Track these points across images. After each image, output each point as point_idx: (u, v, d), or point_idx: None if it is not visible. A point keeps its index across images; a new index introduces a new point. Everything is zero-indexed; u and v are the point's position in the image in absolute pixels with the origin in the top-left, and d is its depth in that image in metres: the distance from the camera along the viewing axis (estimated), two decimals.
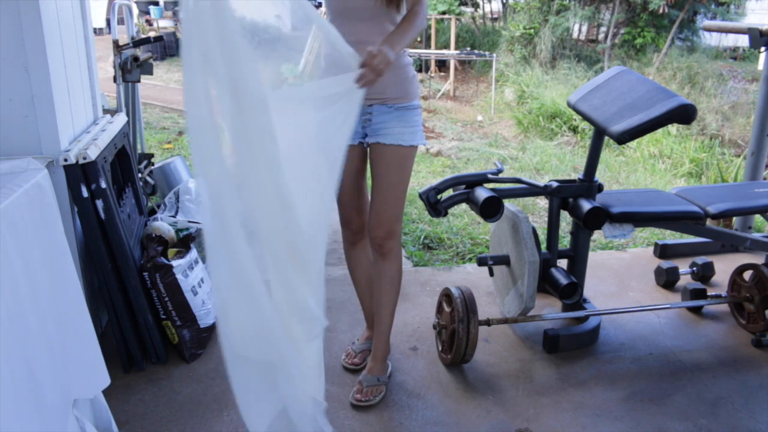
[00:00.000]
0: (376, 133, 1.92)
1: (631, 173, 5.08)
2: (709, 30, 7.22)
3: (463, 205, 2.55)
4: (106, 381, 1.71)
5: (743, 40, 9.91)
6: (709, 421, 2.00)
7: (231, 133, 1.33)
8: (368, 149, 1.99)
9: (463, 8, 11.56)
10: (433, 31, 9.88)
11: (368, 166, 2.04)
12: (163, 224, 2.47)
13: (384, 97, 1.89)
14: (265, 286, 1.38)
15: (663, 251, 3.24)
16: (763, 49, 3.09)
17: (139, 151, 3.65)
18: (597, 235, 3.36)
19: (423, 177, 4.75)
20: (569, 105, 2.49)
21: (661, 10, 8.36)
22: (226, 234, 1.31)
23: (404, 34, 1.77)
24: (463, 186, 2.24)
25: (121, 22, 3.50)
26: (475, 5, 11.95)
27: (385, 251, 2.01)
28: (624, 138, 2.13)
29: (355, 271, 2.22)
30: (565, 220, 3.36)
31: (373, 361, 2.13)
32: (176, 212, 2.66)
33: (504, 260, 2.38)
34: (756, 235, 2.68)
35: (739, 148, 5.76)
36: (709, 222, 2.41)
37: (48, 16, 1.87)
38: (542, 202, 4.09)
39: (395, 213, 1.98)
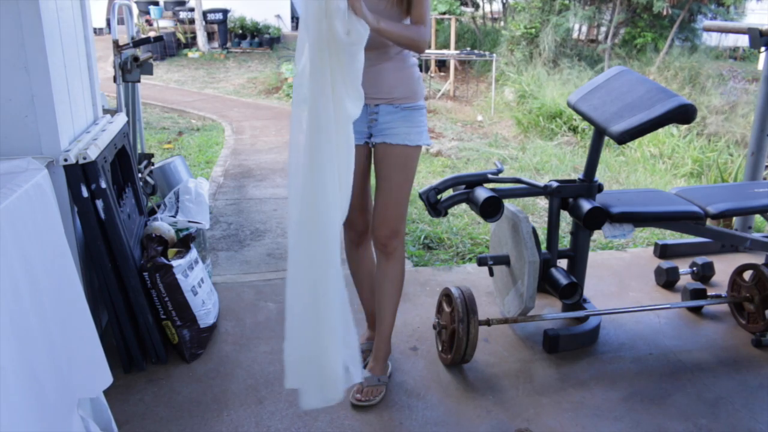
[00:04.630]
0: (381, 133, 1.93)
1: (631, 173, 5.08)
2: (710, 30, 7.23)
3: (463, 205, 2.55)
4: (108, 380, 1.71)
5: (743, 40, 9.91)
6: (709, 421, 2.00)
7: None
8: (373, 149, 1.99)
9: (463, 8, 11.56)
10: (433, 31, 9.88)
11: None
12: (163, 224, 2.47)
13: (390, 97, 1.89)
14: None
15: (663, 251, 3.24)
16: (763, 49, 3.09)
17: (139, 151, 3.65)
18: (597, 235, 3.36)
19: (423, 177, 4.76)
20: (569, 105, 2.49)
21: (664, 12, 8.36)
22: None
23: (395, 26, 1.76)
24: (463, 186, 2.24)
25: (121, 22, 3.50)
26: (476, 5, 11.95)
27: (390, 251, 2.01)
28: (624, 138, 2.13)
29: (358, 271, 2.22)
30: (565, 220, 3.36)
31: (374, 361, 2.13)
32: (176, 212, 2.66)
33: (504, 260, 2.38)
34: (756, 235, 2.68)
35: (740, 147, 5.76)
36: (709, 222, 2.41)
37: (48, 16, 1.87)
38: (542, 202, 4.09)
39: (400, 213, 1.98)
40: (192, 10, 12.13)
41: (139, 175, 3.15)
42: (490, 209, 2.11)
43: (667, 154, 5.55)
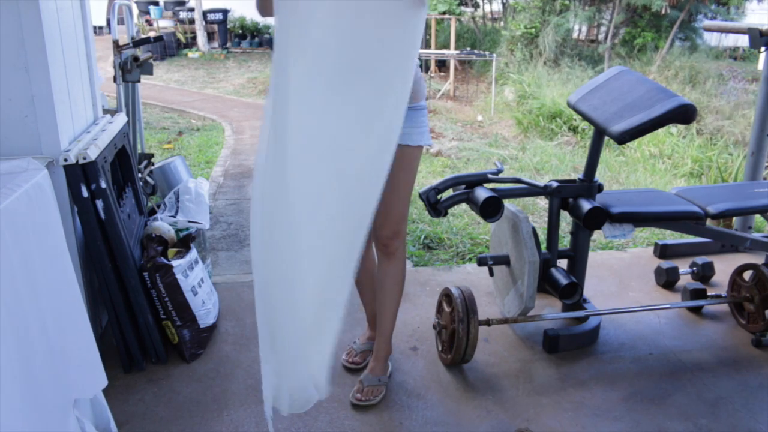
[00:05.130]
0: None
1: (631, 173, 5.08)
2: (710, 30, 7.23)
3: (463, 205, 2.55)
4: (103, 382, 1.71)
5: (743, 40, 9.91)
6: (709, 421, 2.00)
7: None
8: None
9: (463, 8, 11.56)
10: (432, 31, 9.88)
11: None
12: (163, 224, 2.47)
13: None
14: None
15: (663, 251, 3.24)
16: (763, 49, 3.08)
17: (139, 151, 3.65)
18: (597, 235, 3.36)
19: (423, 177, 4.75)
20: (569, 105, 2.49)
21: (663, 11, 8.36)
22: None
23: None
24: (463, 186, 2.24)
25: (121, 22, 3.50)
26: (476, 5, 11.95)
27: (391, 251, 2.01)
28: (624, 138, 2.13)
29: (359, 272, 2.22)
30: (565, 220, 3.35)
31: (374, 361, 2.13)
32: (176, 212, 2.66)
33: (504, 260, 2.38)
34: (756, 235, 2.68)
35: (740, 147, 5.76)
36: (709, 222, 2.41)
37: (48, 16, 1.87)
38: (542, 202, 4.09)
39: (401, 213, 1.98)
40: (192, 10, 12.13)
41: (139, 175, 3.15)
42: (490, 209, 2.11)
43: (667, 154, 5.55)
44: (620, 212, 2.26)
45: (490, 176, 2.25)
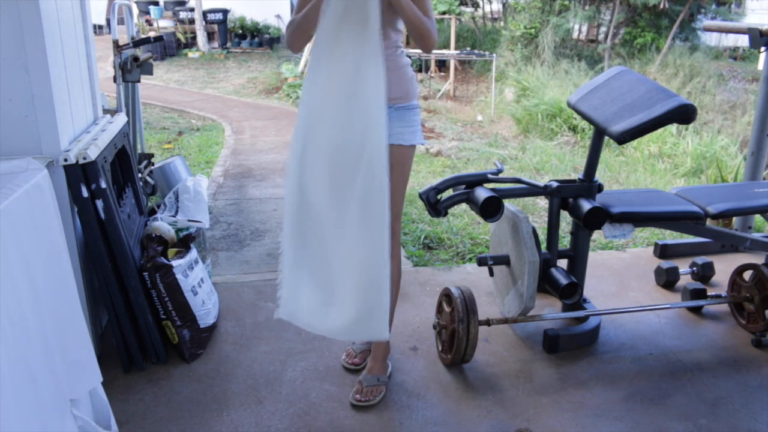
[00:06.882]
0: None
1: (631, 173, 5.08)
2: (710, 30, 7.23)
3: (463, 205, 2.55)
4: (98, 378, 1.71)
5: (743, 40, 9.92)
6: (709, 421, 2.00)
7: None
8: None
9: (463, 8, 11.56)
10: None
11: None
12: (163, 224, 2.47)
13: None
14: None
15: (663, 251, 3.24)
16: (763, 49, 3.09)
17: (139, 151, 3.65)
18: (597, 235, 3.36)
19: (423, 177, 4.75)
20: (569, 105, 2.49)
21: (661, 6, 8.35)
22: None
23: (412, 7, 1.76)
24: (463, 186, 2.24)
25: (121, 22, 3.50)
26: (476, 5, 11.96)
27: None
28: (624, 138, 2.13)
29: None
30: (565, 220, 3.35)
31: (373, 361, 2.13)
32: (176, 212, 2.66)
33: (504, 260, 2.38)
34: (756, 235, 2.68)
35: (740, 146, 5.76)
36: (709, 222, 2.41)
37: (48, 16, 1.87)
38: (542, 202, 4.09)
39: (395, 212, 1.98)
40: (192, 10, 12.13)
41: (139, 175, 3.15)
42: (490, 209, 2.11)
43: (667, 154, 5.55)
44: (620, 212, 2.26)
45: (490, 176, 2.25)
